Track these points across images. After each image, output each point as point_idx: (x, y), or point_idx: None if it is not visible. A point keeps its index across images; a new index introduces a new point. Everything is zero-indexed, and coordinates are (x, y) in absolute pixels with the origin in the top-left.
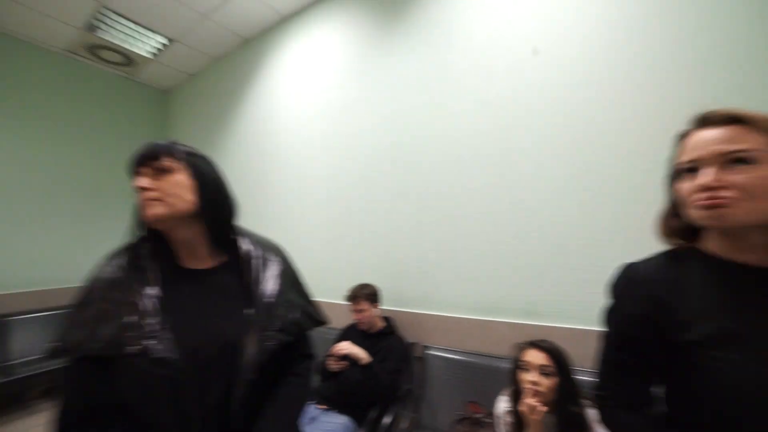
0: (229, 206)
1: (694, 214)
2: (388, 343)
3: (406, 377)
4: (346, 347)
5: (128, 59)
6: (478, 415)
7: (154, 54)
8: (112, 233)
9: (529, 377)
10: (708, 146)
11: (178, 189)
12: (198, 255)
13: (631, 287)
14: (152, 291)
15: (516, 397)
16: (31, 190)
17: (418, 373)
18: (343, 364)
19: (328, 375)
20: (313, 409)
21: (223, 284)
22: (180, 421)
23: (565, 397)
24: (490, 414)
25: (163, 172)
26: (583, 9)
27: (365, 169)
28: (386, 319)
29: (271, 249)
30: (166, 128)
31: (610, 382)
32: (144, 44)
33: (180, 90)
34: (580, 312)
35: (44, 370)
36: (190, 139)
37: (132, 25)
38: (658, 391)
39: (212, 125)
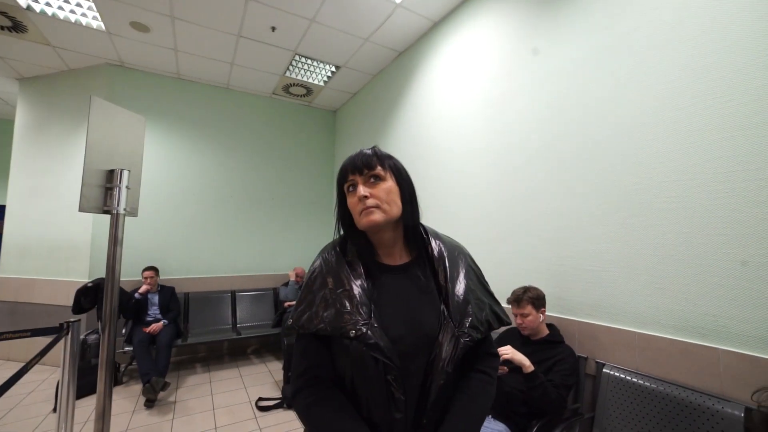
0: (418, 207)
1: None
2: (556, 353)
3: (573, 394)
4: (509, 352)
5: (309, 90)
6: None
7: (326, 81)
8: (301, 233)
9: None
10: None
11: (392, 196)
12: (393, 253)
13: None
14: (360, 283)
15: None
16: (244, 202)
17: (590, 392)
18: (503, 369)
19: None
20: None
21: (416, 280)
22: (387, 401)
23: None
24: None
25: (377, 179)
26: None
27: (524, 162)
28: (551, 326)
29: (455, 247)
30: (334, 142)
31: None
32: (319, 75)
33: (344, 108)
34: None
35: (257, 335)
36: (354, 149)
37: (311, 62)
38: None
39: (373, 135)
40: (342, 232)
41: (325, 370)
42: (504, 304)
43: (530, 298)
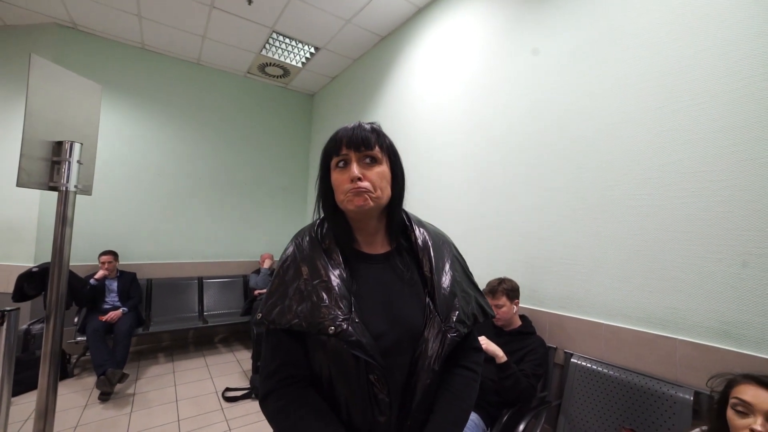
0: (403, 195)
1: None
2: (528, 343)
3: (542, 383)
4: (484, 342)
5: (285, 71)
6: None
7: (304, 63)
8: (273, 220)
9: (749, 423)
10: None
11: (385, 182)
12: (374, 242)
13: None
14: (338, 273)
15: None
16: (214, 185)
17: (557, 381)
18: None
19: None
20: None
21: (398, 271)
22: (368, 403)
23: None
24: None
25: (373, 161)
26: None
27: (504, 156)
28: (523, 317)
29: (440, 236)
30: (311, 127)
31: None
32: (297, 56)
33: (323, 92)
34: None
35: (225, 323)
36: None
37: (290, 41)
38: None
39: (351, 121)
40: (323, 212)
41: (300, 368)
42: None
43: (505, 289)
